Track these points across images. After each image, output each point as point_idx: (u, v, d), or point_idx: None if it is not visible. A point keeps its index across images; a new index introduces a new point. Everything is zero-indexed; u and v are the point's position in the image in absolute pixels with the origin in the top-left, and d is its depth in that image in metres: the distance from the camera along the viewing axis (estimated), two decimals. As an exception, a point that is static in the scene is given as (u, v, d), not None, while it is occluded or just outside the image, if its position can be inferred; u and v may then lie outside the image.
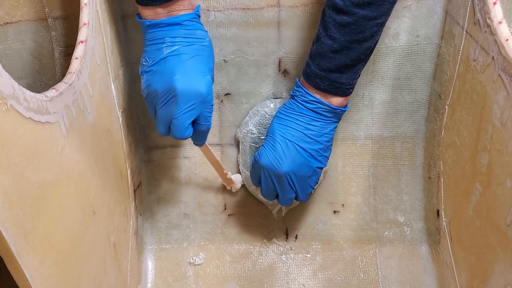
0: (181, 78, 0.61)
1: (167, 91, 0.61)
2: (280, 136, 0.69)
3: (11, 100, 0.37)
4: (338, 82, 0.65)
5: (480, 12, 0.60)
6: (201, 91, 0.62)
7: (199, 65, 0.63)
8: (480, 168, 0.60)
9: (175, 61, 0.61)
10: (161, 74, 0.62)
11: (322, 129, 0.68)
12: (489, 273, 0.58)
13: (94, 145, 0.58)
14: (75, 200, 0.51)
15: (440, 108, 0.74)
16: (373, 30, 0.62)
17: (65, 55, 0.75)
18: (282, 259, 0.84)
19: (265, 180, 0.71)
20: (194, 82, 0.62)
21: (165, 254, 0.84)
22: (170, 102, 0.62)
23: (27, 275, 0.39)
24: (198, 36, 0.63)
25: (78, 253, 0.50)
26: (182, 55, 0.62)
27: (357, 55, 0.63)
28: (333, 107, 0.67)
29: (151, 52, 0.63)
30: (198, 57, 0.63)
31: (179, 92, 0.61)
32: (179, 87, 0.61)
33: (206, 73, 0.63)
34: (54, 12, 0.73)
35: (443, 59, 0.72)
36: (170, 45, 0.62)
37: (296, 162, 0.68)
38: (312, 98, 0.67)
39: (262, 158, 0.69)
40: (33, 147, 0.40)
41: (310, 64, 0.66)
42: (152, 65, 0.63)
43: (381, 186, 0.83)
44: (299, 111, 0.68)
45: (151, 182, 0.84)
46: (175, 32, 0.62)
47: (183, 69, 0.61)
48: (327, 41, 0.63)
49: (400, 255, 0.83)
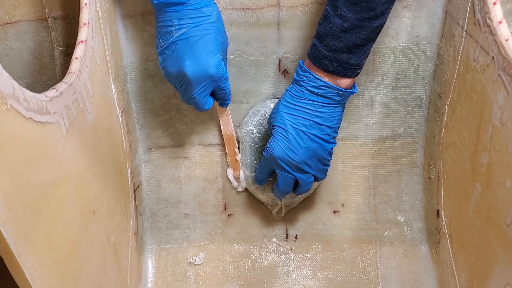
0: (190, 63, 0.65)
1: (180, 76, 0.66)
2: (291, 126, 0.69)
3: (11, 100, 0.37)
4: (347, 63, 0.64)
5: (480, 12, 0.60)
6: (210, 73, 0.66)
7: (207, 46, 0.65)
8: (480, 168, 0.60)
9: (184, 45, 0.64)
10: (173, 58, 0.66)
11: (332, 114, 0.69)
12: (489, 273, 0.58)
13: (94, 145, 0.58)
14: (75, 200, 0.51)
15: (440, 108, 0.74)
16: (384, 7, 0.62)
17: (65, 55, 0.76)
18: (282, 259, 0.84)
19: (281, 172, 0.72)
20: (203, 65, 0.65)
21: (165, 254, 0.85)
22: (184, 84, 0.67)
23: (27, 275, 0.39)
24: (204, 13, 0.64)
25: (78, 253, 0.50)
26: (190, 38, 0.64)
27: (367, 34, 0.63)
28: (343, 89, 0.67)
29: (163, 34, 0.65)
30: (206, 37, 0.65)
31: (190, 77, 0.65)
32: (189, 72, 0.65)
33: (215, 52, 0.66)
34: (54, 12, 0.73)
35: (443, 59, 0.72)
36: (178, 28, 0.64)
37: (311, 149, 0.69)
38: (321, 83, 0.66)
39: (275, 150, 0.70)
40: (33, 147, 0.40)
41: (317, 45, 0.65)
42: (165, 47, 0.66)
43: (381, 186, 0.83)
44: (308, 97, 0.68)
45: (151, 182, 0.84)
46: (181, 13, 0.63)
47: (191, 54, 0.64)
48: (336, 21, 0.62)
49: (400, 255, 0.83)
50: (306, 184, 0.73)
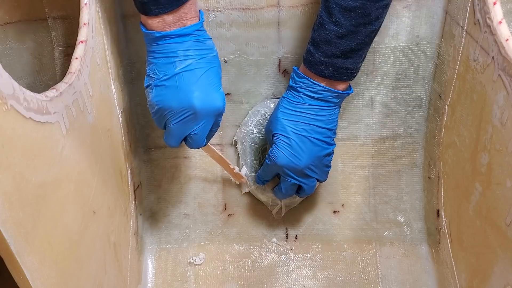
0: (199, 96, 0.60)
1: (185, 109, 0.61)
2: (293, 133, 0.69)
3: (11, 100, 0.37)
4: (343, 68, 0.65)
5: (480, 12, 0.60)
6: (218, 106, 0.62)
7: (213, 79, 0.62)
8: (480, 168, 0.60)
9: (191, 77, 0.60)
10: (176, 91, 0.61)
11: (330, 116, 0.69)
12: (489, 273, 0.58)
13: (94, 145, 0.58)
14: (75, 200, 0.51)
15: (440, 108, 0.74)
16: (379, 12, 0.62)
17: (65, 55, 0.76)
18: (282, 259, 0.84)
19: (285, 178, 0.72)
20: (212, 98, 0.62)
21: (165, 254, 0.85)
22: (187, 119, 0.62)
23: (27, 275, 0.39)
24: (208, 46, 0.62)
25: (78, 253, 0.50)
26: (197, 70, 0.61)
27: (362, 39, 0.63)
28: (341, 92, 0.67)
29: (162, 66, 0.61)
30: (211, 70, 0.62)
31: (199, 110, 0.61)
32: (198, 105, 0.60)
33: (219, 86, 0.63)
34: (54, 12, 0.73)
35: (443, 59, 0.72)
36: (183, 60, 0.60)
37: (313, 153, 0.70)
38: (320, 88, 0.66)
39: (279, 158, 0.70)
40: (33, 147, 0.40)
41: (312, 51, 0.65)
42: (164, 80, 0.61)
43: (381, 186, 0.83)
44: (306, 103, 0.68)
45: (151, 182, 0.84)
46: (186, 44, 0.60)
47: (199, 86, 0.61)
48: (331, 27, 0.62)
49: (400, 255, 0.83)
50: (309, 188, 0.74)
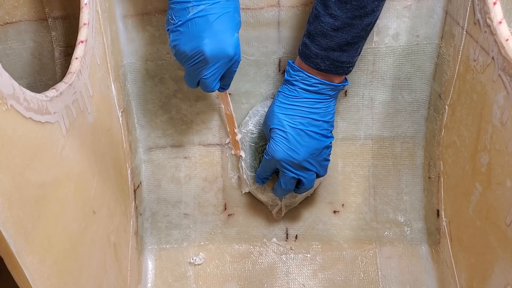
0: (209, 42, 0.61)
1: (196, 54, 0.62)
2: (289, 126, 0.69)
3: (11, 100, 0.37)
4: (339, 61, 0.65)
5: (480, 12, 0.60)
6: (229, 53, 0.63)
7: (226, 25, 0.62)
8: (480, 168, 0.60)
9: (202, 22, 0.61)
10: (189, 36, 0.62)
11: (326, 109, 0.69)
12: (489, 273, 0.58)
13: (94, 145, 0.58)
14: (75, 200, 0.51)
15: (440, 108, 0.74)
16: (374, 4, 0.62)
17: (65, 55, 0.76)
18: (282, 259, 0.84)
19: (284, 172, 0.72)
20: (222, 44, 0.62)
21: (165, 254, 0.85)
22: (198, 63, 0.63)
23: (27, 275, 0.39)
24: None
25: (78, 253, 0.50)
26: (209, 16, 0.61)
27: (358, 32, 0.63)
28: (336, 84, 0.67)
29: (177, 11, 0.62)
30: (224, 15, 0.62)
31: (208, 56, 0.62)
32: (207, 51, 0.62)
33: (233, 31, 0.63)
34: (54, 12, 0.73)
35: (443, 59, 0.72)
36: (195, 5, 0.60)
37: (311, 146, 0.70)
38: (315, 81, 0.67)
39: (277, 152, 0.70)
40: (33, 147, 0.40)
41: (308, 44, 0.65)
42: (179, 25, 0.62)
43: (381, 186, 0.83)
44: (302, 96, 0.68)
45: (151, 182, 0.84)
46: None
47: (211, 32, 0.61)
48: (327, 20, 0.63)
49: (400, 255, 0.83)
50: (309, 182, 0.74)
